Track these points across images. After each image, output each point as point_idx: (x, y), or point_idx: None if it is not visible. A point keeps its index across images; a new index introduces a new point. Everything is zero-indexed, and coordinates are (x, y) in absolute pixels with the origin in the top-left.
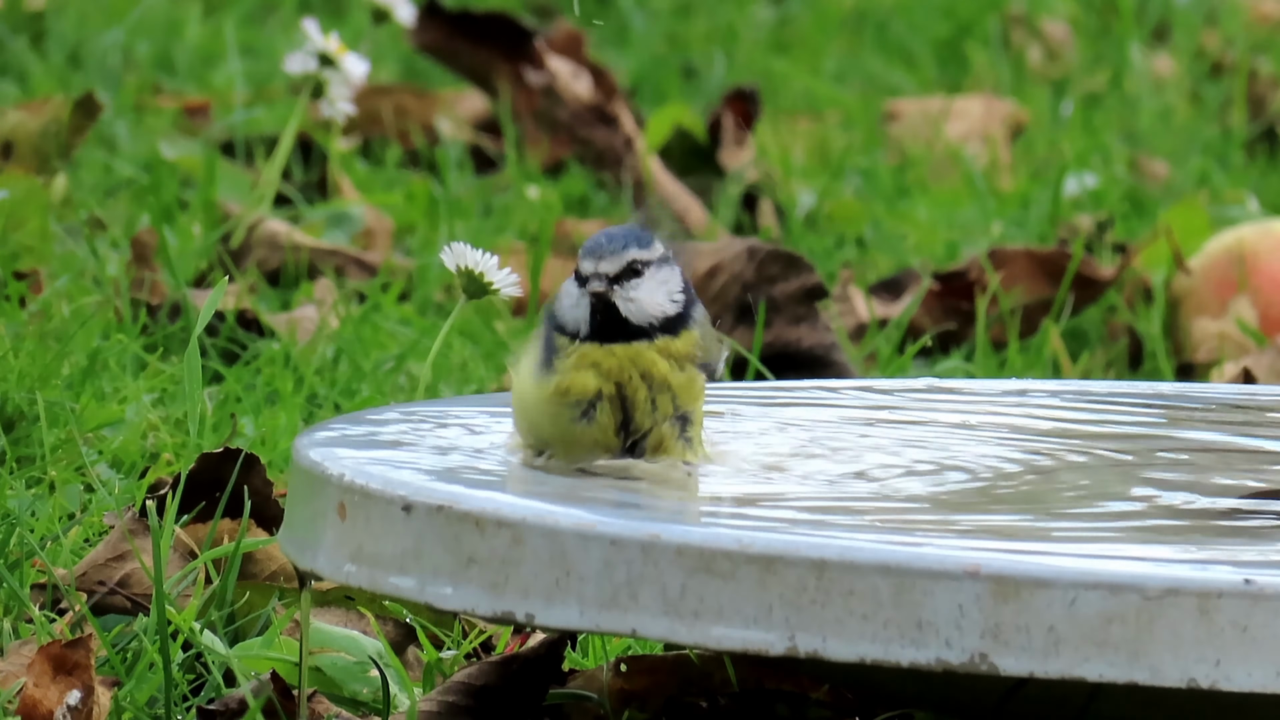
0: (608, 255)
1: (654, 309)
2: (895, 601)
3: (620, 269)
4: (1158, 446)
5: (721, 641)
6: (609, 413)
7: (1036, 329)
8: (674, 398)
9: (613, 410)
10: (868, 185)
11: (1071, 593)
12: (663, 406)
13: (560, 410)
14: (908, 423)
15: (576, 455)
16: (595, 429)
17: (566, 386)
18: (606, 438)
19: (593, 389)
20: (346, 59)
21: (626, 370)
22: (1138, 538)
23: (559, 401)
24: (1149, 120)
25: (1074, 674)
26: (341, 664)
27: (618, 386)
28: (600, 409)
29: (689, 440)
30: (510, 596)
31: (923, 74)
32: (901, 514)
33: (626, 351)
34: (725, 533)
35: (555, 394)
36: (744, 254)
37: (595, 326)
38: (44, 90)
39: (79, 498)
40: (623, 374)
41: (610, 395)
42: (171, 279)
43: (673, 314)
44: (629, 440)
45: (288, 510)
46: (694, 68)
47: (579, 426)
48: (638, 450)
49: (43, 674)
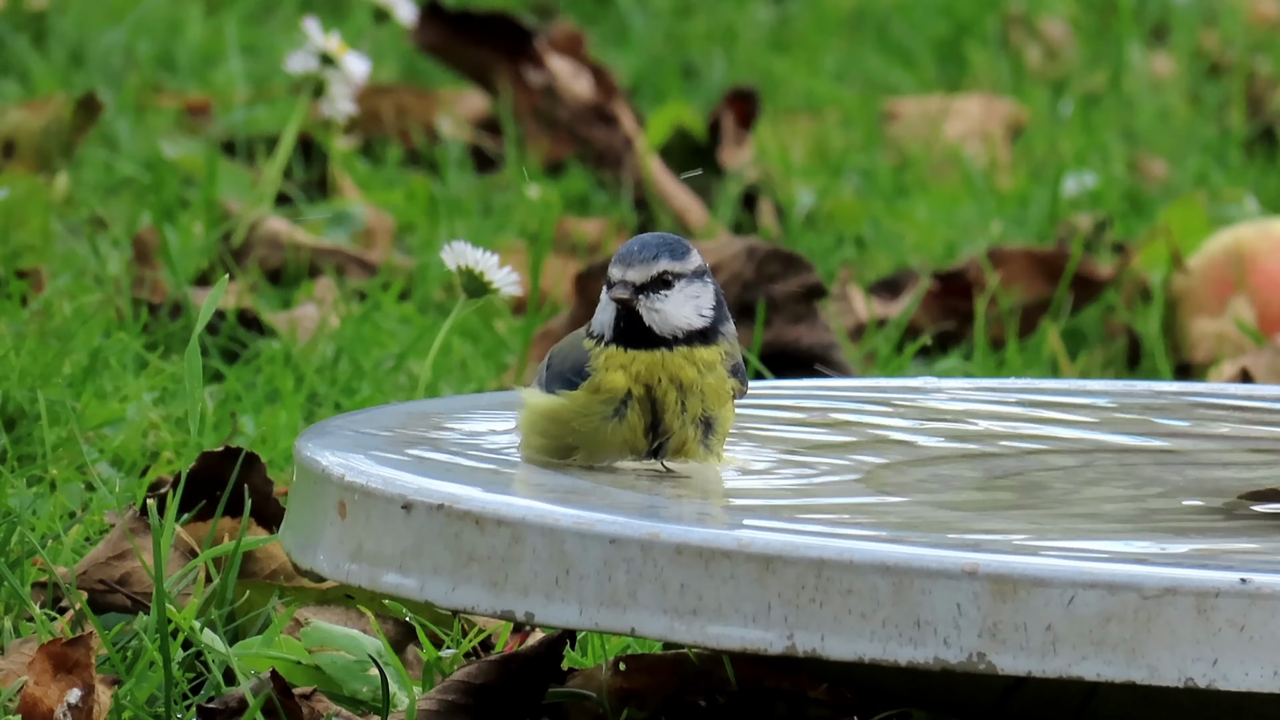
0: (637, 263)
1: (680, 321)
2: (894, 600)
3: (649, 279)
4: (1155, 445)
5: (720, 640)
6: (639, 413)
7: (1035, 328)
8: (703, 400)
9: (642, 411)
10: (867, 185)
11: (1069, 592)
12: (692, 409)
13: (593, 409)
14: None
15: (603, 456)
16: (625, 428)
17: (598, 384)
18: (635, 438)
19: (623, 388)
20: (347, 58)
21: (655, 373)
22: (1136, 537)
23: (592, 400)
24: (1148, 120)
25: (1072, 673)
26: (341, 662)
27: (647, 388)
28: (630, 408)
29: (709, 446)
30: (510, 595)
31: (922, 73)
32: (898, 512)
33: (650, 357)
34: (724, 532)
35: (588, 390)
36: (743, 253)
37: (618, 332)
38: (46, 89)
39: (80, 496)
40: (651, 376)
41: (640, 396)
42: (172, 278)
43: (699, 328)
44: (655, 442)
45: (288, 509)
46: (694, 67)
47: (609, 425)
48: (661, 453)
49: (43, 672)
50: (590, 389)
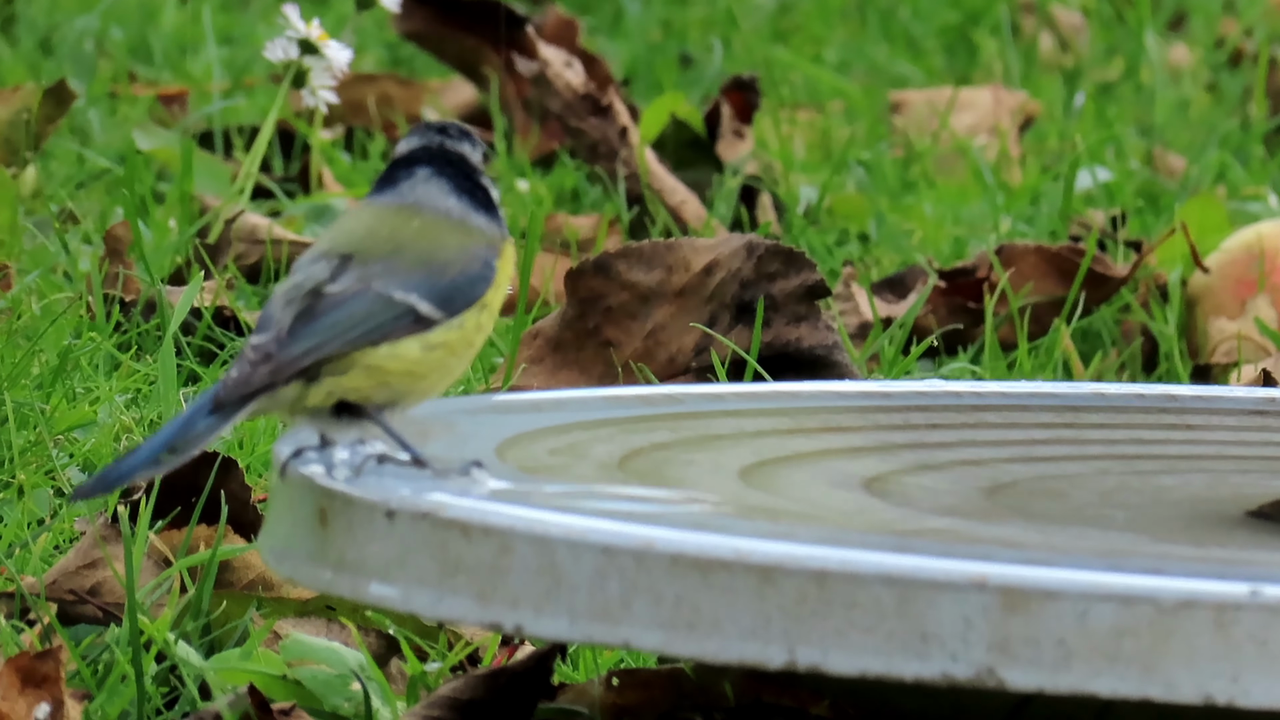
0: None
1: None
2: (899, 613)
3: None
4: (1171, 452)
5: (718, 654)
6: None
7: (1047, 329)
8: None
9: None
10: (871, 179)
11: (1083, 604)
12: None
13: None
14: (915, 428)
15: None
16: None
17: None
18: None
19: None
20: (329, 46)
21: None
22: (1151, 547)
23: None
24: (1165, 112)
25: (1085, 689)
26: (321, 677)
27: None
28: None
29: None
30: (498, 606)
31: (929, 63)
32: (903, 521)
33: None
34: (722, 541)
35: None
36: (742, 250)
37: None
38: (14, 78)
39: (48, 502)
40: None
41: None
42: (146, 275)
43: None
44: None
45: (267, 516)
46: (691, 56)
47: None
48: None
49: (10, 687)
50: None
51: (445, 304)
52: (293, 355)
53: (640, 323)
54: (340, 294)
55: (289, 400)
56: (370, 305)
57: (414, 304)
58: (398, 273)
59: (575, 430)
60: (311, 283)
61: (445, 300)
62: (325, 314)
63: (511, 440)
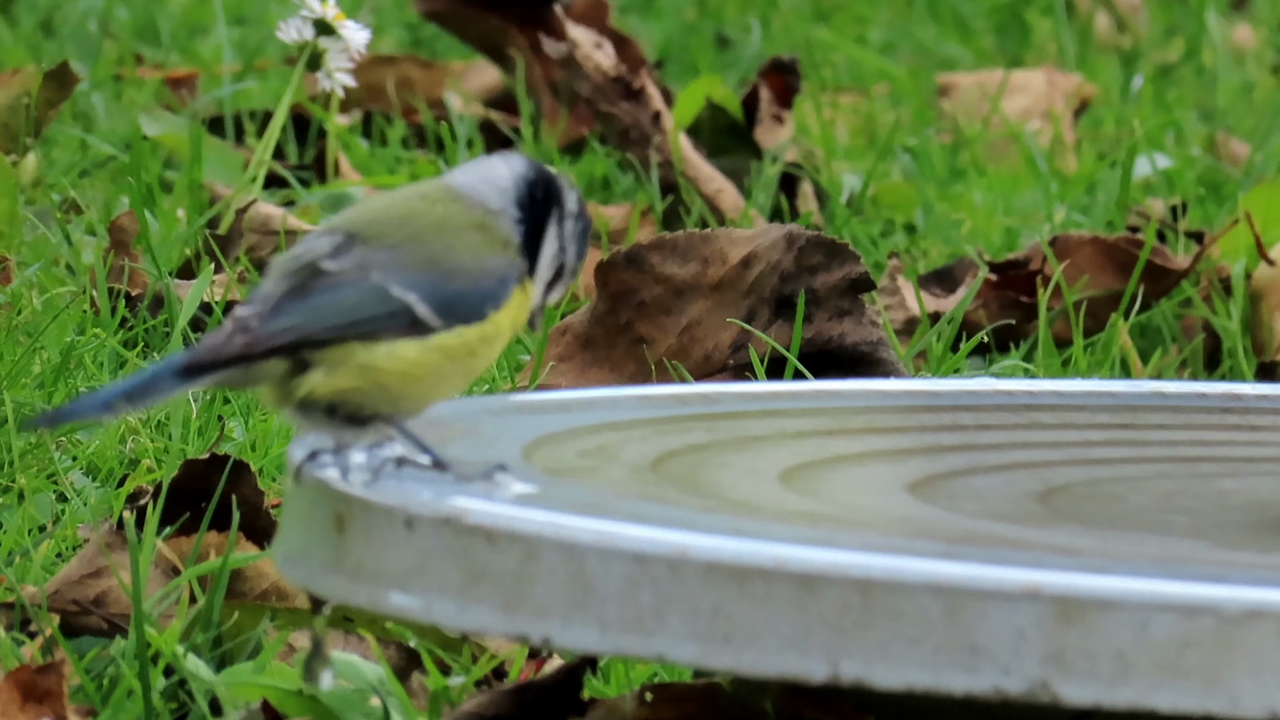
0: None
1: None
2: (948, 624)
3: None
4: (1234, 454)
5: (756, 667)
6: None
7: (1103, 325)
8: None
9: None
10: (918, 166)
11: (1142, 615)
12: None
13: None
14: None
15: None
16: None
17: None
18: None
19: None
20: (346, 26)
21: None
22: (1214, 554)
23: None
24: (1227, 95)
25: (1145, 704)
26: (339, 692)
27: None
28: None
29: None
30: (524, 616)
31: (979, 44)
32: (952, 527)
33: None
34: (761, 549)
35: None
36: (782, 242)
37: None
38: (14, 61)
39: (51, 508)
40: None
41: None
42: (153, 268)
43: None
44: None
45: (280, 522)
46: (728, 37)
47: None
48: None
49: (10, 702)
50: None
51: (446, 312)
52: (270, 331)
53: (674, 318)
54: (336, 275)
55: (270, 381)
56: (363, 295)
57: (412, 305)
58: (402, 266)
59: (606, 431)
60: (310, 256)
61: (447, 308)
62: (315, 294)
63: (538, 442)
